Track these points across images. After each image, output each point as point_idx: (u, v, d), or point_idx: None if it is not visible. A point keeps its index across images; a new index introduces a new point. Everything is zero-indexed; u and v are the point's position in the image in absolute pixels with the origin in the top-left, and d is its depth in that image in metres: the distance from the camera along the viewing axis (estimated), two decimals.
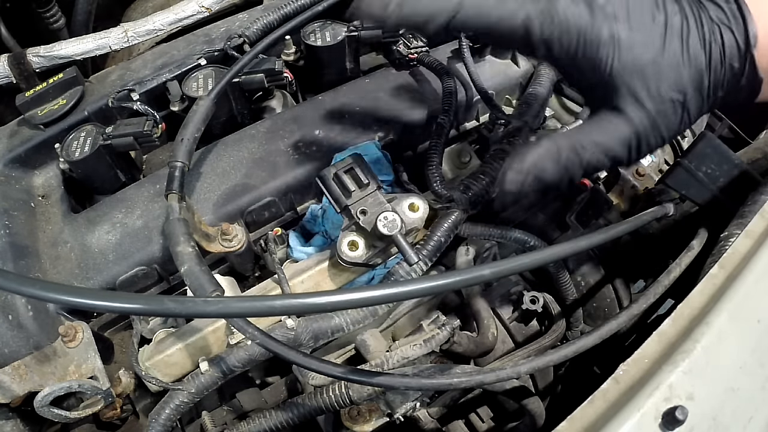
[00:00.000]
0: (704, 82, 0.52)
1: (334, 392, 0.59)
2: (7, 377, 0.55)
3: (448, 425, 0.71)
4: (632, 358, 0.47)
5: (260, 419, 0.60)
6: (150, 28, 0.88)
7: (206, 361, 0.60)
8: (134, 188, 0.73)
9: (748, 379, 0.45)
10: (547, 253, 0.48)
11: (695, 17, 0.51)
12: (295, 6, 0.82)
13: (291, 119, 0.77)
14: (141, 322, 0.64)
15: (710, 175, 0.69)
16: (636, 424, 0.42)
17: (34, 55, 0.86)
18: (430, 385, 0.52)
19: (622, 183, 0.85)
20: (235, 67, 0.73)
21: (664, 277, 0.59)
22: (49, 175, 0.77)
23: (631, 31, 0.51)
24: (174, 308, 0.39)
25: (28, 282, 0.39)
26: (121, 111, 0.78)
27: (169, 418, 0.59)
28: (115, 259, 0.66)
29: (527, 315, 0.72)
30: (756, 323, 0.47)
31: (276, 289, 0.66)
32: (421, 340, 0.61)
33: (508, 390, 0.63)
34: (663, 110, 0.52)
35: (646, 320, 0.75)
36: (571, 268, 0.77)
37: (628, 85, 0.52)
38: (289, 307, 0.40)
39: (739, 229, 0.55)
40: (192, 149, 0.65)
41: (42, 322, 0.62)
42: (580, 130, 0.55)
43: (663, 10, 0.51)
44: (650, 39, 0.51)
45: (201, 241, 0.61)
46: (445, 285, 0.41)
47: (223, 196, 0.70)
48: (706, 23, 0.51)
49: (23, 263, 0.66)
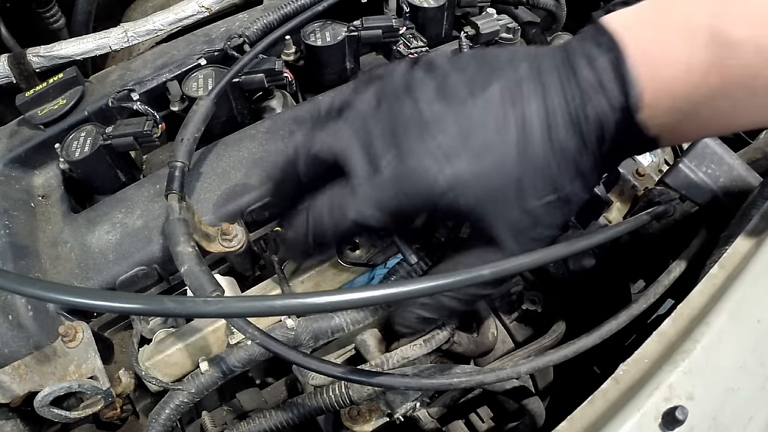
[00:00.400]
0: (582, 165, 0.47)
1: (334, 392, 0.59)
2: (7, 377, 0.55)
3: (448, 425, 0.70)
4: (632, 358, 0.47)
5: (260, 419, 0.60)
6: (150, 28, 0.88)
7: (206, 361, 0.60)
8: (134, 188, 0.73)
9: (748, 379, 0.45)
10: (547, 253, 0.48)
11: (562, 92, 0.46)
12: (295, 6, 0.82)
13: (291, 119, 0.77)
14: (141, 322, 0.64)
15: (710, 175, 0.69)
16: (636, 424, 0.42)
17: (34, 55, 0.86)
18: (430, 385, 0.52)
19: (622, 183, 0.85)
20: (235, 67, 0.73)
21: (664, 277, 0.59)
22: (49, 175, 0.77)
23: (474, 160, 0.46)
24: (174, 308, 0.39)
25: (28, 282, 0.39)
26: (121, 111, 0.78)
27: (169, 418, 0.59)
28: (115, 259, 0.66)
29: (527, 315, 0.72)
30: (756, 323, 0.47)
31: (276, 289, 0.66)
32: (421, 340, 0.61)
33: (508, 390, 0.63)
34: (538, 220, 0.49)
35: (646, 320, 0.75)
36: (571, 268, 0.77)
37: (491, 216, 0.48)
38: (289, 307, 0.40)
39: (739, 229, 0.55)
40: (192, 149, 0.65)
41: (42, 322, 0.62)
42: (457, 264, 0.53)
43: (516, 106, 0.46)
44: (502, 156, 0.46)
45: (201, 241, 0.61)
46: (444, 285, 0.41)
47: (223, 196, 0.70)
48: (575, 96, 0.45)
49: (23, 263, 0.66)
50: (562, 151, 0.46)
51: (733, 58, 0.41)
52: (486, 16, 0.84)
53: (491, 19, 0.83)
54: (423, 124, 0.47)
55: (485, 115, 0.46)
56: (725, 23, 0.41)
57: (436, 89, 0.48)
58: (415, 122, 0.47)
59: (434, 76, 0.49)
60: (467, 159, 0.46)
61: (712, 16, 0.42)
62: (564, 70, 0.46)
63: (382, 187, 0.48)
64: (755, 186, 0.64)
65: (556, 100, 0.46)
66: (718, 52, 0.42)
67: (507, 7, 0.95)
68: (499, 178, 0.47)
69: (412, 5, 0.85)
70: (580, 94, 0.45)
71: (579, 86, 0.45)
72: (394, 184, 0.48)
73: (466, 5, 0.89)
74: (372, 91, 0.51)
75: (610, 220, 0.80)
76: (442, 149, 0.46)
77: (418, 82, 0.49)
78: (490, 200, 0.47)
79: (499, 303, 0.73)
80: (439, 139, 0.46)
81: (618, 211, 0.82)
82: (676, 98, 0.44)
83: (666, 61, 0.43)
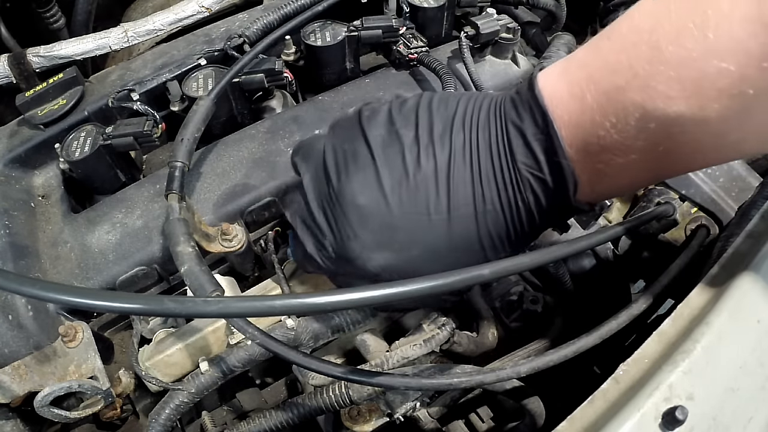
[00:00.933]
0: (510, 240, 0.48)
1: (334, 392, 0.59)
2: (7, 377, 0.55)
3: (448, 425, 0.70)
4: (632, 358, 0.47)
5: (260, 419, 0.60)
6: (150, 28, 0.88)
7: (206, 361, 0.60)
8: (134, 188, 0.73)
9: (748, 379, 0.45)
10: (547, 253, 0.48)
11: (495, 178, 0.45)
12: (295, 6, 0.82)
13: (291, 119, 0.77)
14: (141, 322, 0.64)
15: (710, 175, 0.69)
16: (636, 424, 0.42)
17: (34, 55, 0.85)
18: (430, 385, 0.52)
19: None
20: (235, 67, 0.73)
21: (664, 277, 0.59)
22: (49, 175, 0.77)
23: (402, 252, 0.48)
24: (174, 308, 0.39)
25: (28, 282, 0.39)
26: (121, 111, 0.78)
27: (169, 418, 0.59)
28: (115, 259, 0.66)
29: (527, 315, 0.72)
30: (756, 323, 0.47)
31: (276, 289, 0.66)
32: (421, 340, 0.61)
33: (508, 390, 0.63)
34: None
35: (646, 320, 0.75)
36: (570, 268, 0.77)
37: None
38: (289, 307, 0.40)
39: (739, 229, 0.55)
40: (192, 149, 0.65)
41: (42, 322, 0.62)
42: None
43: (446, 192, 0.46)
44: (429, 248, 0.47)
45: (201, 241, 0.61)
46: (444, 285, 0.41)
47: (223, 196, 0.70)
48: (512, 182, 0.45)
49: (23, 263, 0.66)
50: (490, 233, 0.47)
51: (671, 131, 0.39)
52: (486, 16, 0.84)
53: (491, 19, 0.83)
54: (358, 213, 0.48)
55: (415, 204, 0.47)
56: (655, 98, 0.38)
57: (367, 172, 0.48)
58: (353, 212, 0.49)
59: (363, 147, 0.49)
60: (396, 250, 0.48)
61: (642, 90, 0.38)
62: (498, 154, 0.45)
63: (327, 262, 0.53)
64: (755, 186, 0.64)
65: (490, 187, 0.45)
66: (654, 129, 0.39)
67: (507, 7, 0.95)
68: (428, 265, 0.48)
69: (412, 5, 0.85)
70: (513, 182, 0.45)
71: (513, 174, 0.45)
72: (336, 263, 0.52)
73: (466, 5, 0.89)
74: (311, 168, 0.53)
75: (610, 220, 0.80)
76: (371, 240, 0.48)
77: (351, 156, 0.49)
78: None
79: (499, 303, 0.73)
80: (369, 228, 0.48)
81: (618, 211, 0.82)
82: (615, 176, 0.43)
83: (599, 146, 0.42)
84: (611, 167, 0.43)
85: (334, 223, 0.50)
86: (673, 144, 0.40)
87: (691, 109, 0.37)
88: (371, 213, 0.48)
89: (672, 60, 0.37)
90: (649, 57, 0.38)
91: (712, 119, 0.37)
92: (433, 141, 0.47)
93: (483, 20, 0.83)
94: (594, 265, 0.79)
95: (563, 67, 0.45)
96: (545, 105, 0.43)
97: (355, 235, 0.49)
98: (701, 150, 0.41)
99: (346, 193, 0.49)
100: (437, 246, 0.48)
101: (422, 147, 0.47)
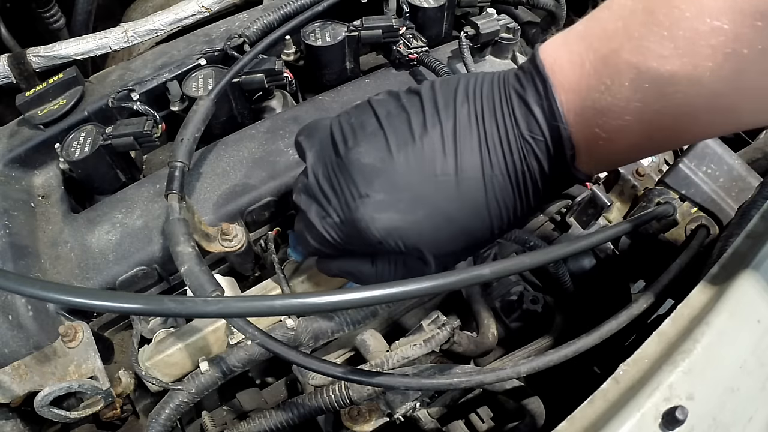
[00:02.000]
0: (518, 211, 0.49)
1: (334, 392, 0.59)
2: (7, 377, 0.55)
3: (448, 425, 0.70)
4: (632, 358, 0.47)
5: (260, 419, 0.60)
6: (150, 28, 0.88)
7: (206, 361, 0.60)
8: (134, 188, 0.73)
9: (748, 379, 0.45)
10: (547, 253, 0.48)
11: (501, 141, 0.46)
12: (295, 6, 0.82)
13: (291, 119, 0.77)
14: (141, 322, 0.64)
15: (710, 175, 0.69)
16: (636, 424, 0.42)
17: (34, 55, 0.85)
18: (430, 385, 0.52)
19: (622, 183, 0.85)
20: (235, 67, 0.73)
21: (664, 277, 0.59)
22: (49, 175, 0.77)
23: (408, 212, 0.48)
24: (174, 308, 0.39)
25: (28, 282, 0.39)
26: (121, 111, 0.78)
27: (169, 418, 0.59)
28: (115, 259, 0.66)
29: (527, 315, 0.72)
30: (756, 323, 0.47)
31: (276, 289, 0.66)
32: (421, 340, 0.61)
33: (508, 390, 0.63)
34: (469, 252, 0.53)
35: (646, 320, 0.75)
36: (570, 268, 0.77)
37: (424, 252, 0.50)
38: (289, 307, 0.40)
39: (739, 229, 0.55)
40: (192, 149, 0.65)
41: (42, 322, 0.62)
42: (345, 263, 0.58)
43: (453, 153, 0.47)
44: (436, 209, 0.48)
45: (201, 241, 0.61)
46: (445, 285, 0.41)
47: (223, 196, 0.70)
48: (516, 146, 0.46)
49: (23, 263, 0.66)
50: (497, 200, 0.47)
51: (665, 91, 0.40)
52: (486, 16, 0.84)
53: (491, 19, 0.83)
54: (364, 174, 0.49)
55: (422, 165, 0.47)
56: (649, 58, 0.39)
57: (375, 137, 0.50)
58: (359, 173, 0.49)
59: (372, 118, 0.51)
60: (401, 210, 0.48)
61: (636, 52, 0.40)
62: (502, 118, 0.46)
63: (331, 231, 0.53)
64: (755, 186, 0.64)
65: (496, 152, 0.46)
66: (649, 89, 0.40)
67: (507, 7, 0.96)
68: (433, 230, 0.49)
69: (412, 5, 0.85)
70: (518, 146, 0.46)
71: (517, 138, 0.46)
72: (339, 231, 0.52)
73: (466, 5, 0.89)
74: (317, 143, 0.54)
75: (610, 220, 0.80)
76: (376, 199, 0.48)
77: (361, 133, 0.51)
78: (424, 244, 0.49)
79: (499, 303, 0.73)
80: (375, 188, 0.48)
81: (618, 211, 0.82)
82: (612, 140, 0.44)
83: (596, 108, 0.43)
84: (607, 131, 0.43)
85: (339, 188, 0.50)
86: (667, 105, 0.40)
87: (685, 67, 0.38)
88: (377, 172, 0.48)
89: (665, 21, 0.38)
90: (644, 20, 0.39)
91: (705, 79, 0.38)
92: (438, 110, 0.48)
93: (483, 20, 0.83)
94: (594, 265, 0.79)
95: (563, 38, 0.46)
96: (545, 73, 0.44)
97: (359, 195, 0.49)
98: (695, 114, 0.41)
99: (353, 157, 0.49)
100: (444, 208, 0.48)
101: (428, 115, 0.48)
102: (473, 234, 0.50)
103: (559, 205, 0.81)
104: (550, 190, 0.49)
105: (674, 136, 0.45)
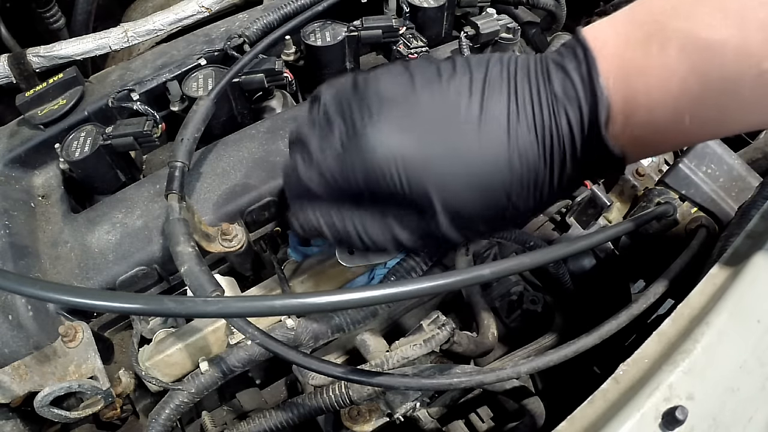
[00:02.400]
0: (540, 177, 0.45)
1: (334, 392, 0.59)
2: (7, 377, 0.55)
3: (448, 425, 0.71)
4: (632, 358, 0.47)
5: (260, 419, 0.60)
6: (150, 28, 0.88)
7: (206, 361, 0.60)
8: (134, 188, 0.73)
9: (748, 379, 0.45)
10: (547, 253, 0.48)
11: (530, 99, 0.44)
12: (295, 6, 0.82)
13: (291, 119, 0.77)
14: (141, 322, 0.64)
15: (710, 175, 0.69)
16: (636, 424, 0.42)
17: (34, 55, 0.86)
18: (430, 385, 0.52)
19: (622, 183, 0.85)
20: (235, 67, 0.73)
21: (664, 277, 0.59)
22: (49, 175, 0.77)
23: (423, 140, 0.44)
24: (174, 308, 0.39)
25: (28, 282, 0.39)
26: (121, 111, 0.78)
27: (169, 418, 0.59)
28: (115, 259, 0.66)
29: (527, 315, 0.72)
30: (756, 323, 0.47)
31: (276, 289, 0.66)
32: (421, 340, 0.61)
33: (508, 390, 0.63)
34: (482, 218, 0.47)
35: (646, 320, 0.75)
36: (570, 268, 0.77)
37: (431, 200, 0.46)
38: (289, 307, 0.40)
39: (739, 229, 0.55)
40: (192, 149, 0.65)
41: (42, 322, 0.62)
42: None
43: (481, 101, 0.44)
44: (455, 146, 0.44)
45: (201, 241, 0.61)
46: (445, 285, 0.41)
47: (223, 196, 0.70)
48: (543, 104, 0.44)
49: (23, 263, 0.66)
50: (521, 156, 0.44)
51: (712, 61, 0.39)
52: (486, 16, 0.84)
53: (491, 19, 0.83)
54: (380, 100, 0.46)
55: (445, 102, 0.45)
56: (698, 26, 0.40)
57: (399, 74, 0.48)
58: (375, 99, 0.46)
59: (399, 65, 0.49)
60: (414, 140, 0.45)
61: (685, 20, 0.40)
62: (536, 79, 0.45)
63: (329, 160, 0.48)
64: (755, 186, 0.64)
65: (524, 105, 0.45)
66: (695, 57, 0.40)
67: (507, 7, 0.95)
68: (445, 167, 0.45)
69: (412, 5, 0.85)
70: (548, 103, 0.44)
71: (549, 95, 0.44)
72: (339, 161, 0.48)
73: (466, 5, 0.89)
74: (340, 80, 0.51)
75: (610, 220, 0.80)
76: (390, 121, 0.45)
77: (384, 70, 0.49)
78: (433, 184, 0.45)
79: (499, 303, 0.73)
80: (391, 113, 0.45)
81: (618, 211, 0.82)
82: (653, 109, 0.42)
83: (639, 72, 0.42)
84: (647, 97, 0.42)
85: (349, 114, 0.47)
86: (713, 78, 0.40)
87: (734, 38, 0.38)
88: (396, 98, 0.46)
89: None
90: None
91: (753, 50, 0.38)
92: (470, 64, 0.47)
93: (483, 20, 0.83)
94: (594, 265, 0.79)
95: (608, 19, 0.46)
96: (587, 43, 0.44)
97: (370, 116, 0.45)
98: (740, 91, 0.40)
99: (372, 88, 0.47)
100: (462, 150, 0.44)
101: (458, 65, 0.47)
102: (489, 191, 0.45)
103: (559, 205, 0.81)
104: (576, 164, 0.46)
105: (715, 118, 0.43)
